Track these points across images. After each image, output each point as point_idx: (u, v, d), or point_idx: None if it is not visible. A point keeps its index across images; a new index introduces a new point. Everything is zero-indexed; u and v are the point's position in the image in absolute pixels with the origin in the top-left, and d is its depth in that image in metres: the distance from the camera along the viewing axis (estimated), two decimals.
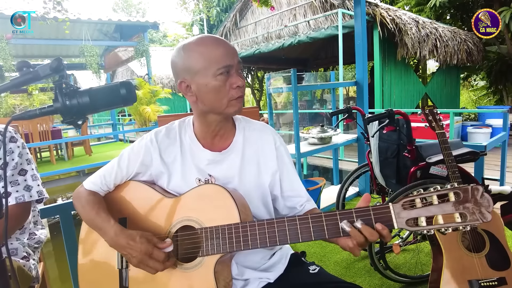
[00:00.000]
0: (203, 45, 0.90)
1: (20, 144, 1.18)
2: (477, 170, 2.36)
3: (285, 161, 1.06)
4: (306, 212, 1.03)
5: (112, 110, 10.43)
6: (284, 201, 1.06)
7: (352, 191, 3.53)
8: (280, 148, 1.05)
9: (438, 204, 0.71)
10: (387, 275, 1.98)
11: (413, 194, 0.73)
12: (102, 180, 0.98)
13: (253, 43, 8.55)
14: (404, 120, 1.92)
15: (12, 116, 0.68)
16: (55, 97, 0.68)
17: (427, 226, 0.71)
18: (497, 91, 8.70)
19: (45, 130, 6.37)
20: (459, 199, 0.70)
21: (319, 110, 8.41)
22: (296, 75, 2.78)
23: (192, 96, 0.93)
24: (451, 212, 0.70)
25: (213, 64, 0.88)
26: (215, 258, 0.85)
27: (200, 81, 0.89)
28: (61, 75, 0.68)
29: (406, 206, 0.73)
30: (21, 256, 1.18)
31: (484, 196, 0.69)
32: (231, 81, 0.90)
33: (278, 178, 1.04)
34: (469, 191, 0.69)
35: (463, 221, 0.69)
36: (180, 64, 0.91)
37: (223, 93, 0.90)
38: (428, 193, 0.72)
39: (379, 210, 0.75)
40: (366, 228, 0.74)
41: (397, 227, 0.73)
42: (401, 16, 5.87)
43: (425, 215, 0.71)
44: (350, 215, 0.77)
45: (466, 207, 0.69)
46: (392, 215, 0.73)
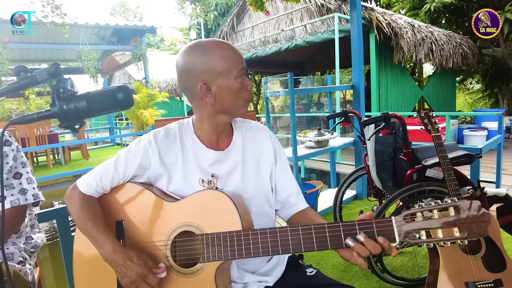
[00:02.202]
0: (222, 48, 0.92)
1: (14, 147, 1.18)
2: (473, 172, 2.37)
3: (281, 156, 1.10)
4: (300, 212, 1.06)
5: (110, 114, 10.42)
6: (276, 195, 1.08)
7: (349, 194, 3.53)
8: (275, 143, 1.10)
9: (438, 218, 0.72)
10: (384, 278, 1.99)
11: (414, 208, 0.75)
12: (98, 183, 0.95)
13: (250, 47, 8.58)
14: (400, 123, 1.93)
15: (10, 120, 0.68)
16: (53, 101, 0.68)
17: (427, 239, 0.72)
18: (492, 94, 8.77)
19: (42, 134, 6.34)
20: (458, 214, 0.71)
21: (316, 113, 8.44)
22: (293, 78, 2.79)
23: (211, 98, 0.92)
24: (450, 226, 0.72)
25: (234, 66, 0.91)
26: (216, 265, 0.85)
27: (222, 83, 0.91)
28: (59, 80, 0.68)
29: (407, 219, 0.74)
30: (17, 261, 1.17)
31: (483, 212, 0.70)
32: (245, 83, 0.95)
33: (273, 171, 1.07)
34: (468, 206, 0.71)
35: (461, 235, 0.71)
36: (199, 66, 0.90)
37: (241, 94, 0.95)
38: (430, 207, 0.74)
39: (381, 224, 0.76)
40: (369, 242, 0.76)
41: (398, 240, 0.75)
42: (397, 20, 5.92)
43: (425, 228, 0.73)
44: (353, 227, 0.78)
45: (465, 221, 0.71)
46: (394, 229, 0.75)
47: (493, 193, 1.91)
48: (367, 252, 0.76)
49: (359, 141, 3.19)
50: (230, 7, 12.45)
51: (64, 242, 1.52)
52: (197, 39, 0.98)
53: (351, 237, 0.77)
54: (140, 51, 9.01)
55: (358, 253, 0.76)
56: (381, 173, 2.14)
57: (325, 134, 3.13)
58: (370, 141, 2.16)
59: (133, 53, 9.10)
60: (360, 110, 3.32)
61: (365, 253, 0.76)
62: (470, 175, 2.33)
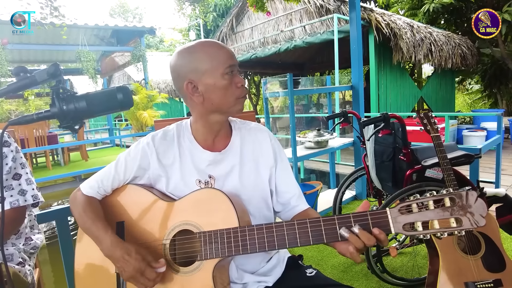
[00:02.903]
0: (207, 46, 0.93)
1: (13, 148, 1.18)
2: (472, 172, 2.38)
3: (282, 157, 1.09)
4: (301, 212, 1.05)
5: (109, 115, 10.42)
6: (277, 196, 1.07)
7: (349, 195, 3.53)
8: (275, 144, 1.08)
9: (434, 209, 0.72)
10: (384, 278, 1.99)
11: (409, 199, 0.74)
12: (100, 185, 0.98)
13: (249, 48, 8.59)
14: (400, 123, 1.93)
15: (9, 121, 0.68)
16: (52, 102, 0.68)
17: (423, 230, 0.72)
18: (491, 94, 8.79)
19: (41, 135, 6.34)
20: (454, 204, 0.71)
21: (315, 114, 8.45)
22: (293, 79, 2.80)
23: (199, 97, 0.93)
24: (446, 217, 0.71)
25: (220, 64, 0.91)
26: (213, 262, 0.86)
27: (208, 81, 0.91)
28: (58, 80, 0.68)
29: (403, 211, 0.74)
30: (17, 262, 1.17)
31: (479, 201, 0.70)
32: (236, 80, 0.94)
33: (274, 173, 1.06)
34: (464, 196, 0.70)
35: (458, 226, 0.70)
36: (185, 66, 0.92)
37: (231, 91, 0.93)
38: (425, 198, 0.73)
39: (376, 215, 0.76)
40: (364, 233, 0.75)
41: (394, 231, 0.74)
42: (396, 20, 5.93)
43: (421, 220, 0.72)
44: (348, 220, 0.77)
45: (461, 212, 0.70)
46: (389, 220, 0.74)
47: (493, 193, 1.91)
48: (361, 243, 0.75)
49: (358, 142, 3.19)
50: (229, 8, 12.45)
51: (64, 243, 1.52)
52: (196, 40, 0.98)
53: (346, 227, 0.77)
54: (140, 52, 9.03)
55: (354, 246, 0.76)
56: (380, 173, 2.14)
57: (325, 134, 3.13)
58: (370, 141, 2.16)
59: (132, 54, 9.12)
60: (359, 111, 3.32)
61: (359, 245, 0.75)
62: (469, 175, 2.34)
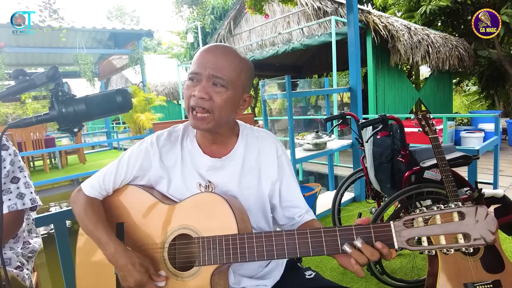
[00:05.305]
0: (199, 50, 0.92)
1: (11, 151, 1.17)
2: (471, 174, 2.38)
3: (286, 171, 1.03)
4: (304, 223, 1.01)
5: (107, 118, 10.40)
6: (283, 211, 1.03)
7: (348, 197, 3.54)
8: (281, 157, 1.02)
9: (440, 224, 0.68)
10: (383, 280, 1.98)
11: (415, 213, 0.71)
12: (101, 184, 0.96)
13: (247, 50, 8.59)
14: (398, 125, 1.94)
15: (8, 124, 0.68)
16: (51, 105, 0.68)
17: (428, 246, 0.68)
18: (489, 96, 8.83)
19: (38, 138, 6.32)
20: (462, 219, 0.67)
21: (313, 116, 8.46)
22: (291, 81, 2.80)
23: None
24: (454, 232, 0.67)
25: (190, 69, 0.89)
26: (211, 268, 0.85)
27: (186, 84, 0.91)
28: (57, 83, 0.68)
29: (407, 225, 0.70)
30: (15, 266, 1.16)
31: (489, 217, 0.66)
32: (192, 89, 0.87)
33: (278, 187, 1.01)
34: (474, 212, 0.66)
35: (466, 242, 0.66)
36: None
37: (185, 100, 0.90)
38: (432, 212, 0.69)
39: (379, 228, 0.72)
40: (367, 248, 0.72)
41: (397, 246, 0.70)
42: (393, 23, 5.95)
43: (427, 234, 0.68)
44: (349, 232, 0.74)
45: (470, 227, 0.66)
46: (393, 234, 0.71)
47: (491, 194, 1.91)
48: (365, 259, 0.72)
49: (357, 143, 3.19)
50: (226, 10, 12.46)
51: (62, 247, 1.51)
52: (193, 43, 0.98)
53: (348, 243, 0.73)
54: (137, 54, 9.01)
55: (356, 260, 0.73)
56: (379, 175, 2.14)
57: (323, 136, 3.14)
58: (368, 143, 2.16)
59: (130, 57, 9.10)
60: (357, 113, 3.33)
61: (362, 260, 0.72)
62: (467, 176, 2.34)
